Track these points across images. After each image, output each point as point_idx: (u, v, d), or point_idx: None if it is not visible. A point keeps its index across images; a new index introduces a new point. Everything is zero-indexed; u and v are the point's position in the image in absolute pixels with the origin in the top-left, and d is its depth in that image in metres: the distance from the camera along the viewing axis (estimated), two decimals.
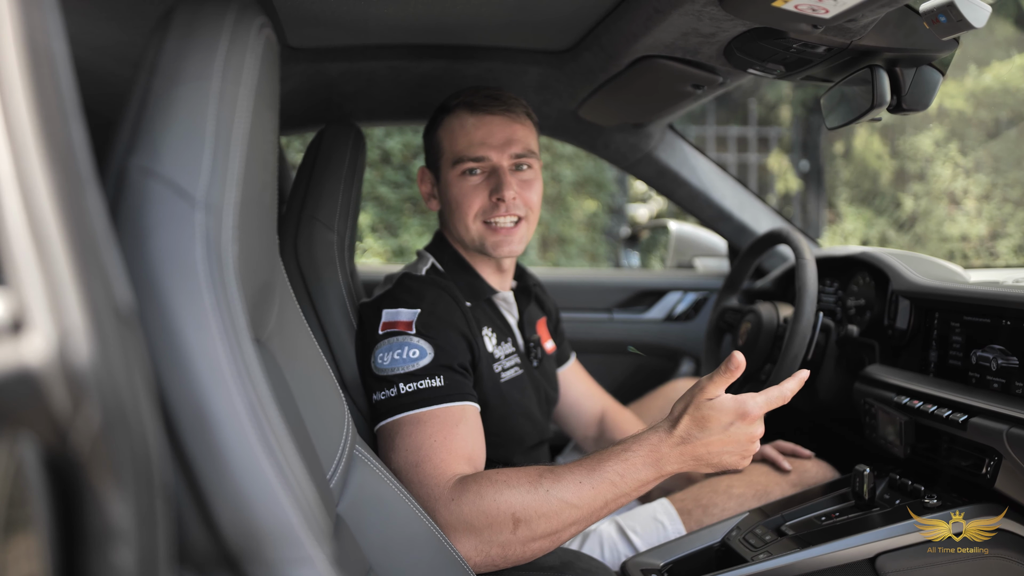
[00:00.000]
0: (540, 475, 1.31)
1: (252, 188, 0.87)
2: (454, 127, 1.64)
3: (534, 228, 1.71)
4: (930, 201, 6.81)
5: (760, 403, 1.24)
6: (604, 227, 7.76)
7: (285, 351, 1.09)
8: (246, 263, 0.85)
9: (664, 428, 1.28)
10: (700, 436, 1.25)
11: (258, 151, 0.89)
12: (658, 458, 1.27)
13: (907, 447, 1.60)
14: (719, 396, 1.25)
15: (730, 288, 2.22)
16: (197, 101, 0.78)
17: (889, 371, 1.75)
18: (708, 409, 1.24)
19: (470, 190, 1.62)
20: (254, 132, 0.85)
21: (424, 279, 1.61)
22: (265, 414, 0.72)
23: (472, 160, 1.61)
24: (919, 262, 1.89)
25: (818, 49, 1.38)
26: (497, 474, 1.33)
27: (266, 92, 0.91)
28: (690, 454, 1.26)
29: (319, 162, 1.68)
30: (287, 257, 1.63)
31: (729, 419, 1.24)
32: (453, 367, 1.49)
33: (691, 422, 1.25)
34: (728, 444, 1.25)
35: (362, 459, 1.21)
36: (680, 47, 1.53)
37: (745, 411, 1.23)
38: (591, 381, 2.11)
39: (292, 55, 1.75)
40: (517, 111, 1.66)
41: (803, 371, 1.27)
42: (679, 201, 2.50)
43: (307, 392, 1.12)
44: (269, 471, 0.70)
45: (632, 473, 1.27)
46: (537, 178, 1.69)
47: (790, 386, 1.25)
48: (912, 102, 1.47)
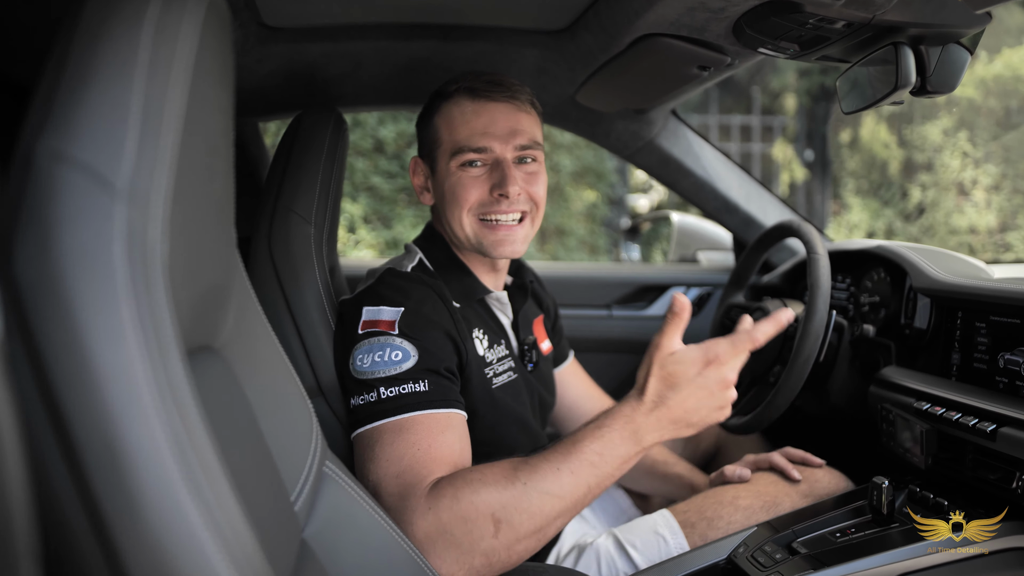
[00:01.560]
0: (515, 468, 1.23)
1: (192, 176, 0.75)
2: (453, 114, 1.52)
3: (538, 225, 1.60)
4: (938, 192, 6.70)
5: (726, 345, 1.17)
6: (604, 218, 7.66)
7: (244, 360, 0.97)
8: (184, 263, 0.73)
9: (634, 397, 1.21)
10: (671, 395, 1.18)
11: (200, 133, 0.77)
12: (635, 429, 1.20)
13: (928, 457, 1.48)
14: (680, 348, 1.18)
15: (736, 284, 2.11)
16: (120, 72, 0.66)
17: (907, 374, 1.63)
18: (672, 364, 1.18)
19: (469, 182, 1.50)
20: (194, 110, 0.73)
21: (410, 276, 1.50)
22: (193, 446, 0.61)
23: (473, 151, 1.49)
24: (939, 256, 1.78)
25: (836, 24, 1.27)
26: (470, 472, 1.24)
27: (212, 65, 0.79)
28: (666, 418, 1.19)
29: (296, 150, 1.57)
30: (260, 252, 1.51)
31: (696, 369, 1.17)
32: (439, 371, 1.39)
33: (658, 383, 1.19)
34: (703, 397, 1.18)
35: (333, 477, 1.10)
36: (685, 24, 1.42)
37: (712, 357, 1.17)
38: (590, 381, 2.01)
39: (269, 35, 1.63)
40: (521, 98, 1.54)
41: (785, 312, 1.21)
42: (683, 192, 2.39)
43: (269, 405, 1.01)
44: (194, 516, 0.59)
45: (611, 450, 1.20)
46: (542, 171, 1.58)
47: (764, 328, 1.18)
48: (938, 84, 1.36)
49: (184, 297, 0.73)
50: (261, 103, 1.97)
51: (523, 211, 1.52)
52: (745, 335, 1.17)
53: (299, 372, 1.47)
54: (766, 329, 1.18)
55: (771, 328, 1.18)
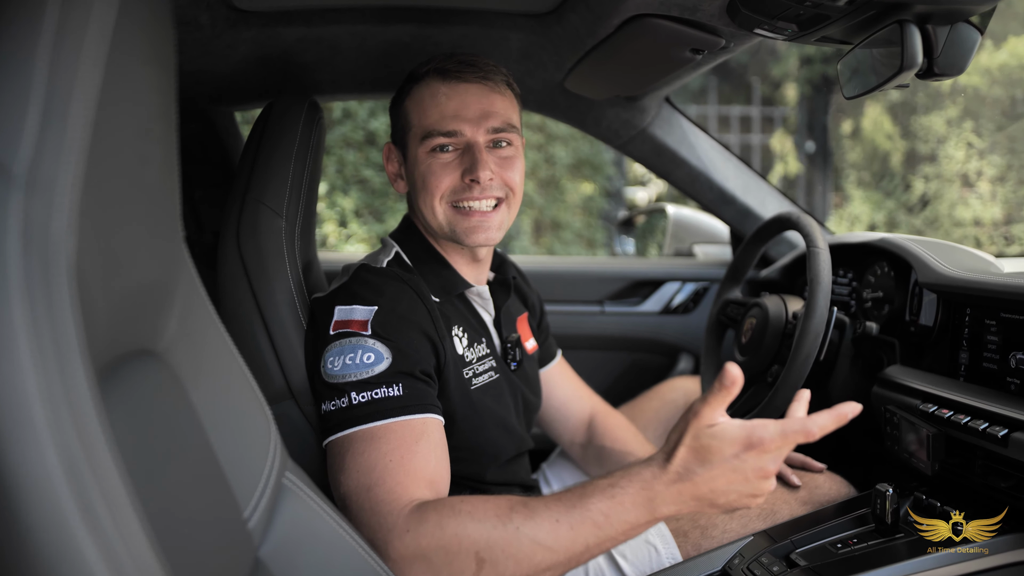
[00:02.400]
0: (511, 508, 1.12)
1: (114, 162, 0.67)
2: (424, 97, 1.45)
3: (515, 212, 1.51)
4: (941, 183, 6.61)
5: (774, 433, 1.02)
6: (601, 211, 7.58)
7: (191, 364, 0.89)
8: (102, 260, 0.65)
9: (658, 462, 1.08)
10: (700, 471, 1.04)
11: (124, 114, 0.69)
12: (651, 497, 1.07)
13: (935, 463, 1.40)
14: (721, 422, 1.04)
15: (733, 278, 2.03)
16: (21, 43, 0.58)
17: (912, 374, 1.55)
18: (708, 438, 1.04)
19: (439, 168, 1.42)
20: (115, 88, 0.65)
21: (384, 271, 1.42)
22: (93, 473, 0.52)
23: (443, 135, 1.41)
24: (945, 250, 1.69)
25: (838, 2, 1.18)
26: (461, 503, 1.15)
27: (140, 38, 0.71)
28: (689, 493, 1.06)
29: (266, 139, 1.49)
30: (228, 247, 1.43)
31: (735, 449, 1.03)
32: (414, 374, 1.31)
33: (689, 454, 1.05)
34: (735, 481, 1.04)
35: (293, 490, 1.02)
36: (677, 4, 1.36)
37: (755, 440, 1.02)
38: (579, 381, 1.92)
39: (240, 19, 1.55)
40: (496, 79, 1.46)
41: (851, 405, 1.04)
42: (677, 183, 2.32)
43: (220, 413, 0.93)
44: (89, 553, 0.50)
45: (619, 514, 1.08)
46: (518, 156, 1.49)
47: (820, 421, 1.02)
48: (946, 65, 1.27)
49: (101, 298, 0.65)
50: (235, 91, 1.89)
51: (497, 197, 1.44)
52: (799, 427, 1.02)
53: (268, 373, 1.40)
54: (823, 423, 1.02)
55: (831, 423, 1.02)
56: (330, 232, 5.80)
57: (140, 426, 0.76)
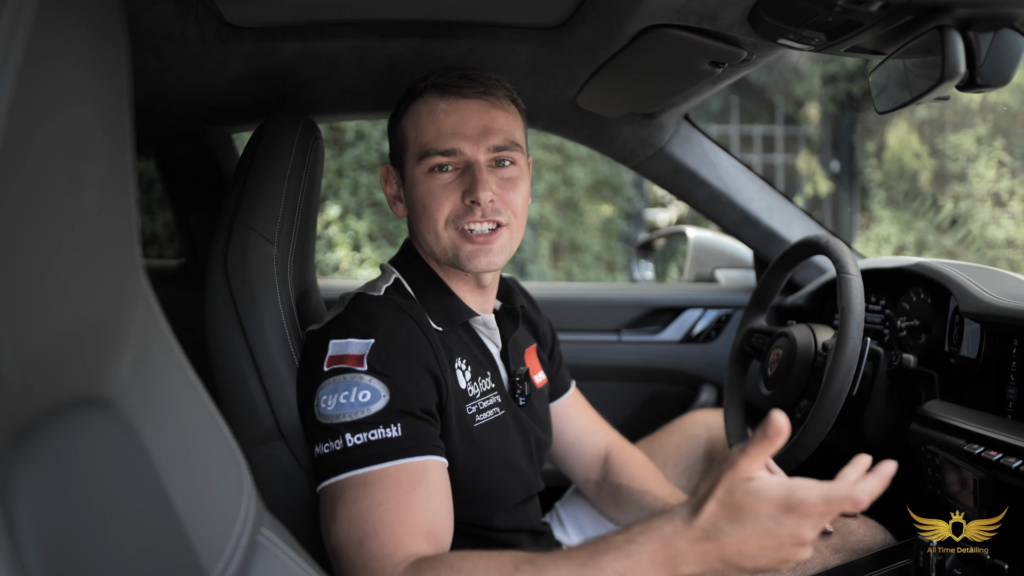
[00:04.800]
0: (516, 567, 1.02)
1: (36, 184, 0.58)
2: (421, 114, 1.37)
3: (519, 237, 1.42)
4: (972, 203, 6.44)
5: (817, 497, 0.90)
6: (621, 233, 7.48)
7: (148, 410, 0.80)
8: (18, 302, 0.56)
9: (682, 516, 0.96)
10: (730, 531, 0.92)
11: (47, 129, 0.60)
12: (672, 556, 0.95)
13: (983, 510, 1.28)
14: (759, 477, 0.93)
15: (757, 305, 1.91)
16: None
17: (954, 410, 1.43)
18: (743, 495, 0.92)
19: (439, 190, 1.34)
20: (31, 96, 0.56)
21: (382, 299, 1.32)
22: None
23: (441, 154, 1.33)
24: (986, 275, 1.57)
25: (871, 6, 1.09)
26: (461, 560, 1.06)
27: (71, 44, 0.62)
28: (715, 554, 0.94)
29: (257, 161, 1.41)
30: (215, 275, 1.35)
31: (771, 510, 0.90)
32: (414, 412, 1.22)
33: (719, 510, 0.93)
34: (768, 546, 0.92)
35: (270, 548, 0.92)
36: (694, 12, 1.26)
37: (795, 504, 0.90)
38: (594, 414, 1.82)
39: (233, 34, 1.47)
40: (498, 94, 1.38)
41: (889, 465, 0.93)
42: (697, 204, 2.23)
43: (181, 464, 0.83)
44: None
45: (636, 573, 0.96)
46: (522, 176, 1.40)
47: (867, 487, 0.90)
48: (990, 75, 1.16)
49: (14, 347, 0.56)
50: (230, 110, 1.82)
51: (498, 221, 1.35)
52: (846, 493, 0.90)
53: (256, 412, 1.31)
54: (871, 489, 0.91)
55: (878, 487, 0.92)
56: (343, 257, 5.73)
57: (75, 488, 0.66)
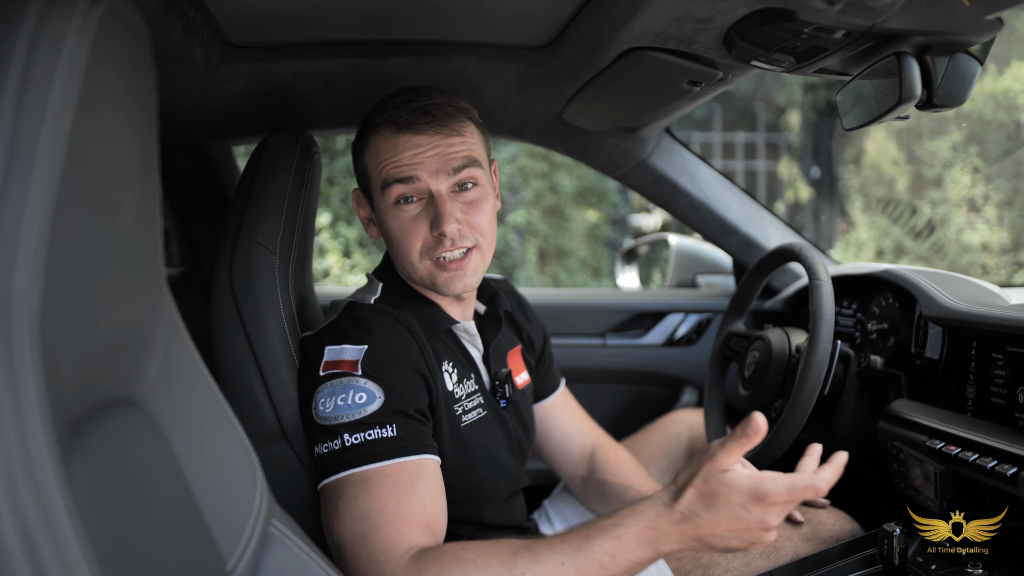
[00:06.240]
0: (515, 553, 1.10)
1: (85, 208, 0.65)
2: (380, 148, 1.39)
3: (491, 255, 1.46)
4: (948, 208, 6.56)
5: (781, 488, 1.03)
6: (606, 239, 7.55)
7: (172, 411, 0.87)
8: (73, 311, 0.63)
9: (663, 501, 1.08)
10: (705, 515, 1.05)
11: (97, 159, 0.67)
12: (655, 536, 1.07)
13: (944, 502, 1.36)
14: (733, 469, 1.05)
15: (736, 310, 1.99)
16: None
17: (919, 408, 1.52)
18: (718, 484, 1.04)
19: (409, 223, 1.38)
20: (87, 134, 0.64)
21: (373, 308, 1.39)
22: (52, 545, 0.50)
23: (401, 182, 1.36)
24: (950, 281, 1.66)
25: (835, 34, 1.17)
26: (463, 550, 1.13)
27: (115, 81, 0.70)
28: (692, 534, 1.07)
29: (260, 176, 1.47)
30: (221, 285, 1.41)
31: (741, 498, 1.04)
32: (408, 413, 1.28)
33: (696, 497, 1.06)
34: (736, 530, 1.05)
35: (280, 538, 0.99)
36: (672, 36, 1.33)
37: (761, 493, 1.03)
38: (581, 413, 1.89)
39: (235, 53, 1.54)
40: (452, 123, 1.39)
41: (842, 455, 1.09)
42: (679, 213, 2.29)
43: (203, 460, 0.90)
44: None
45: (625, 553, 1.07)
46: (485, 195, 1.43)
47: (826, 476, 1.05)
48: (945, 96, 1.25)
49: (70, 352, 0.63)
50: (231, 126, 1.88)
51: (466, 247, 1.39)
52: (808, 483, 1.04)
53: (260, 413, 1.38)
54: (829, 478, 1.06)
55: (835, 475, 1.07)
56: (334, 263, 5.79)
57: (115, 478, 0.73)
